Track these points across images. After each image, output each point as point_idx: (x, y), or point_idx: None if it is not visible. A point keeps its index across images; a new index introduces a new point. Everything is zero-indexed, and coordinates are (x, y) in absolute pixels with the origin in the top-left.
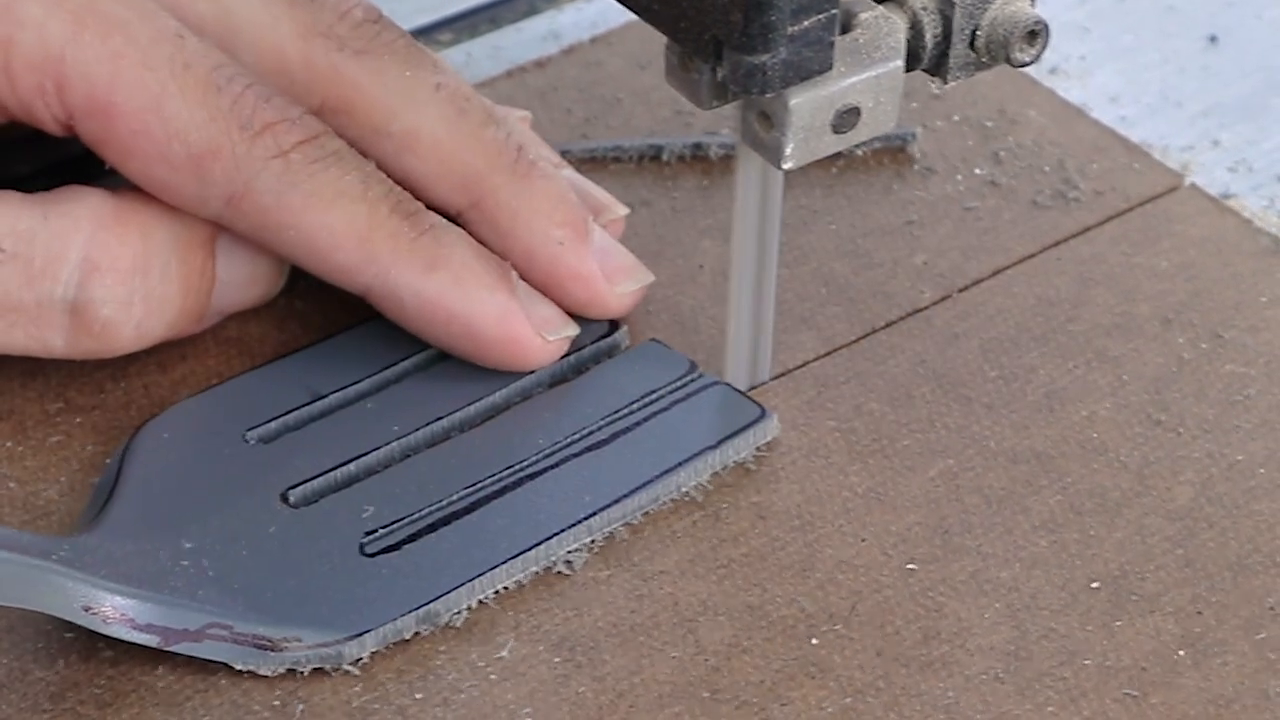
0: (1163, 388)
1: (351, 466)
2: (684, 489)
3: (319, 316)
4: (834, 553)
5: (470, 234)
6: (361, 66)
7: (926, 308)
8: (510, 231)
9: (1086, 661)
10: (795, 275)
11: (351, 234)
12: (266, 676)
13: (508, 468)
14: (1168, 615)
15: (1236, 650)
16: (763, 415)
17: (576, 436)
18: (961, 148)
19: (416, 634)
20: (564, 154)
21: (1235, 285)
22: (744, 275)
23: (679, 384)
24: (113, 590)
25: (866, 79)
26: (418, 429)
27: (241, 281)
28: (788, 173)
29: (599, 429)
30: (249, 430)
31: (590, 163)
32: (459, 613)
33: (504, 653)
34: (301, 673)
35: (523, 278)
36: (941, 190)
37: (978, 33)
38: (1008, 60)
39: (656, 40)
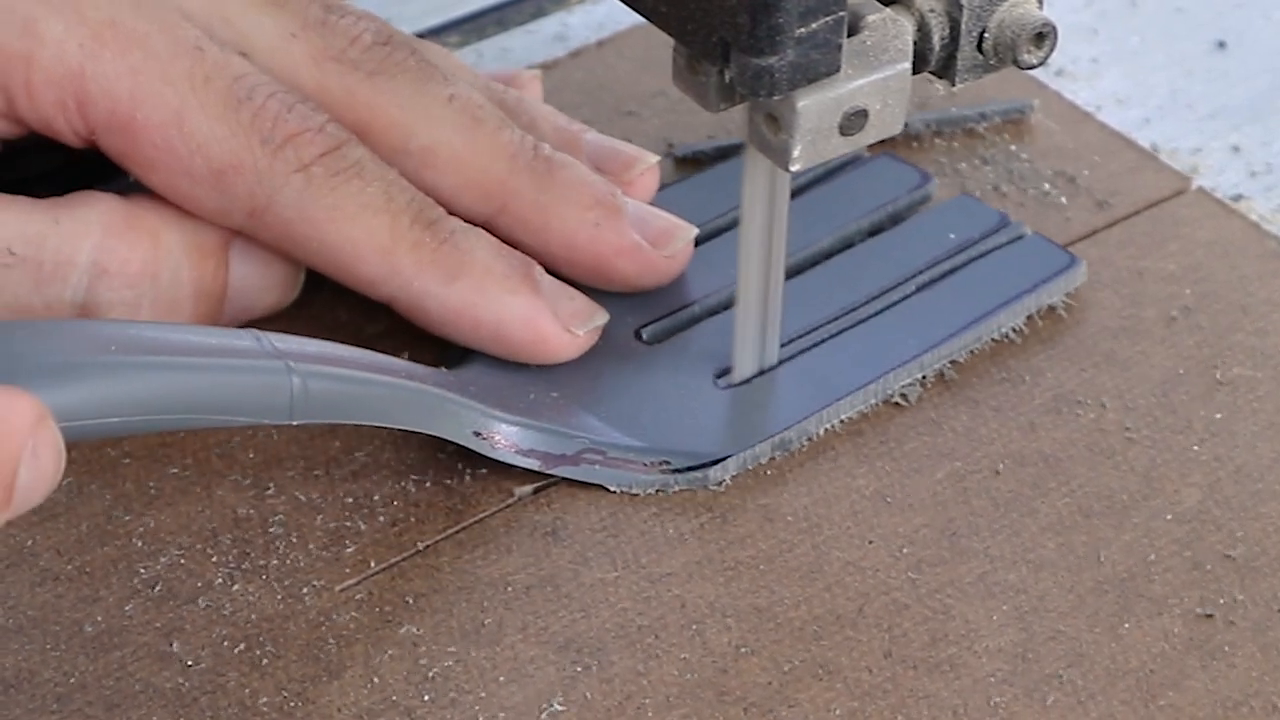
0: (1170, 390)
1: (695, 308)
2: (1003, 330)
3: (329, 316)
4: (841, 555)
5: (504, 238)
6: (375, 88)
7: None
8: (545, 227)
9: (1094, 663)
10: None
11: (374, 247)
12: (273, 676)
13: (842, 310)
14: (1175, 617)
15: (1245, 652)
16: (1072, 262)
17: (903, 281)
18: (968, 151)
19: (771, 459)
20: (698, 153)
21: (1242, 288)
22: (751, 275)
23: (993, 233)
24: (499, 418)
25: (874, 81)
26: None
27: (255, 287)
28: (794, 175)
29: (924, 274)
30: None
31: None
32: (804, 442)
33: (511, 654)
34: (308, 675)
35: (568, 266)
36: (949, 193)
37: (985, 35)
38: (1015, 62)
39: (664, 43)
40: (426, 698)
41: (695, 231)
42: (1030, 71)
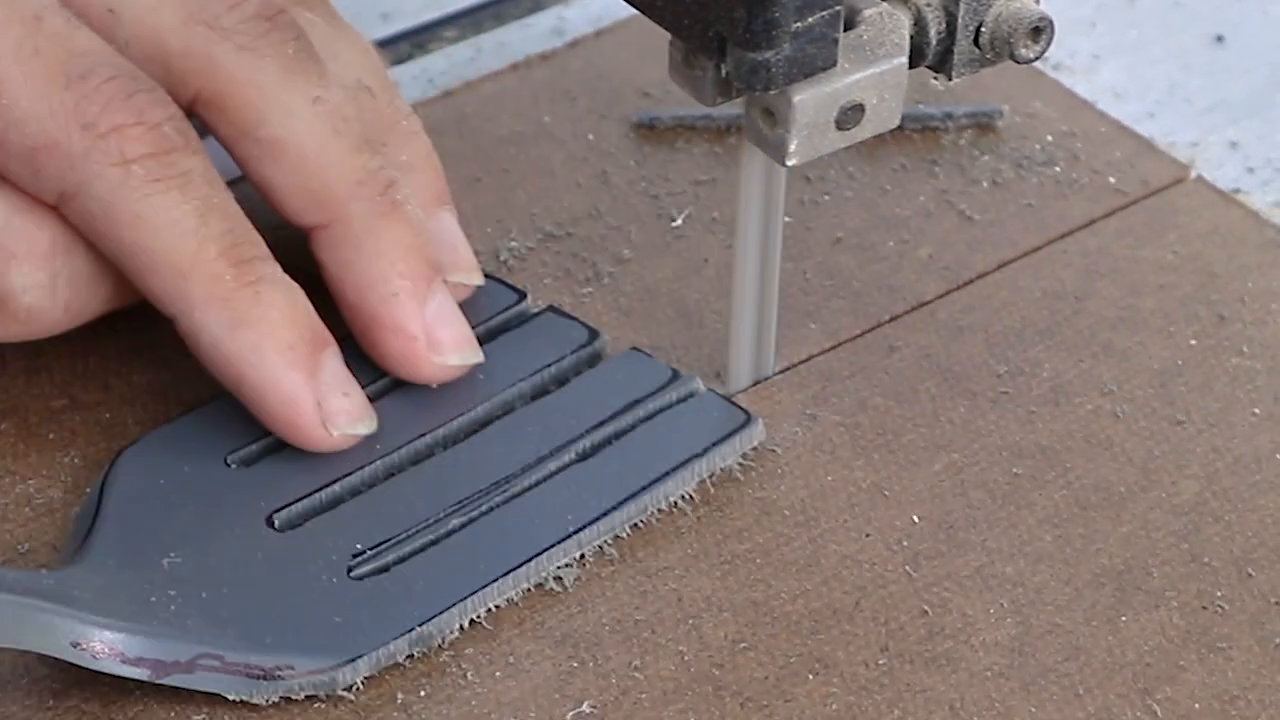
0: (1168, 381)
1: (336, 487)
2: (671, 499)
3: None
4: (838, 548)
5: (316, 256)
6: (240, 64)
7: (931, 301)
8: (351, 264)
9: (1091, 657)
10: (800, 269)
11: (170, 266)
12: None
13: (494, 484)
14: (1173, 610)
15: (1242, 645)
16: (748, 421)
17: (562, 449)
18: (966, 140)
19: (410, 656)
20: (653, 120)
21: (1241, 278)
22: (748, 271)
23: (662, 392)
24: (101, 624)
25: (870, 75)
26: (400, 447)
27: None
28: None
29: (584, 441)
30: (230, 454)
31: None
32: (450, 634)
33: (508, 649)
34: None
35: (347, 311)
36: (946, 183)
37: (982, 29)
38: (1012, 57)
39: (661, 36)
40: (423, 693)
41: (480, 359)
42: (1027, 66)
